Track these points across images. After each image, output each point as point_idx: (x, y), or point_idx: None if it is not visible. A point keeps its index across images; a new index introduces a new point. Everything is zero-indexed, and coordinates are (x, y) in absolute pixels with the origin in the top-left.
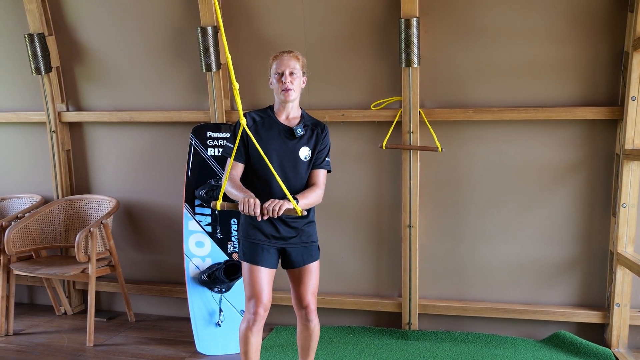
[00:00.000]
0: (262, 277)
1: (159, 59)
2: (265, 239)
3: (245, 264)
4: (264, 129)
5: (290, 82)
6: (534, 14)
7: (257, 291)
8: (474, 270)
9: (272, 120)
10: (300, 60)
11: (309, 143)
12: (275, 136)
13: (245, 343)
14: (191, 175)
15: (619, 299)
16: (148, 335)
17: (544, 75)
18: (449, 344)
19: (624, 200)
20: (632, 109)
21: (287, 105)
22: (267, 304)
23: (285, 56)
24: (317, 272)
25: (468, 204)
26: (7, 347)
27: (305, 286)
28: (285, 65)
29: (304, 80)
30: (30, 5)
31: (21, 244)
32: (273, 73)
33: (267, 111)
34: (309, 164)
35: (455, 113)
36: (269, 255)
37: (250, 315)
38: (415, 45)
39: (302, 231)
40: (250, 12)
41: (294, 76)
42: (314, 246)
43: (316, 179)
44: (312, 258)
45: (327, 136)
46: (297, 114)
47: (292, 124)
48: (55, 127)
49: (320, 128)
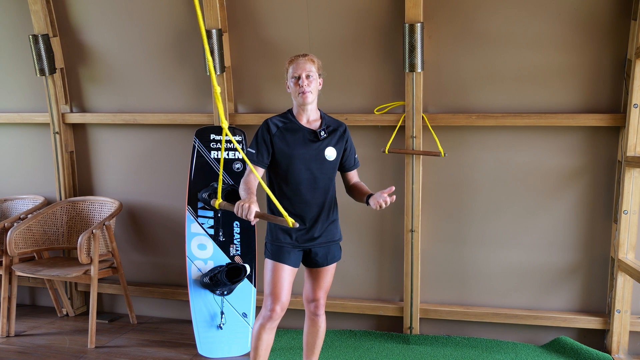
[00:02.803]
0: (284, 275)
1: (163, 61)
2: (294, 242)
3: (269, 262)
4: (289, 133)
5: (307, 85)
6: (538, 21)
7: (277, 289)
8: (475, 275)
9: (295, 124)
10: (316, 62)
11: (333, 143)
12: (300, 140)
13: (258, 338)
14: (194, 178)
15: (619, 305)
16: (150, 338)
17: (547, 82)
18: (450, 349)
19: (626, 207)
20: (634, 116)
21: (306, 108)
22: (285, 303)
23: (301, 60)
24: (333, 271)
25: (470, 209)
26: (9, 348)
27: (321, 284)
28: (301, 69)
29: (321, 82)
30: (35, 6)
31: (23, 245)
32: (290, 77)
33: (288, 116)
34: (335, 164)
35: (459, 118)
36: (294, 255)
37: (267, 312)
38: (419, 50)
39: (327, 230)
40: (256, 16)
41: (311, 79)
42: (337, 245)
43: (356, 177)
44: (334, 258)
45: (348, 134)
46: (317, 116)
47: (313, 126)
48: (58, 128)
49: (342, 128)
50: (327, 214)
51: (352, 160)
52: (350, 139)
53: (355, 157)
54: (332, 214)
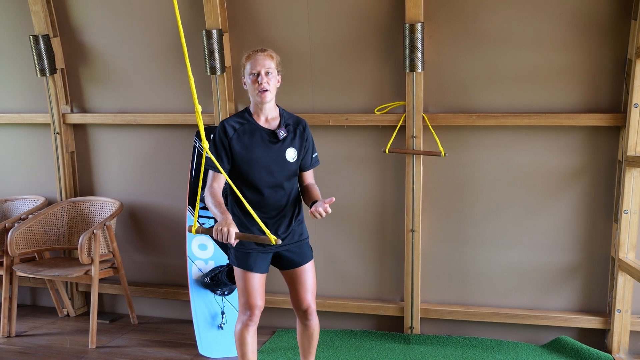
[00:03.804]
0: (255, 282)
1: (164, 62)
2: (259, 247)
3: (238, 270)
4: (246, 136)
5: (266, 83)
6: (538, 21)
7: (251, 298)
8: (476, 275)
9: (253, 125)
10: (275, 58)
11: (294, 143)
12: (259, 142)
13: (242, 344)
14: (194, 178)
15: (620, 305)
16: (150, 338)
17: (548, 82)
18: (450, 349)
19: (626, 206)
20: (634, 116)
21: (264, 107)
22: (262, 306)
23: (259, 55)
24: (313, 272)
25: (471, 208)
26: (9, 348)
27: (304, 287)
28: (260, 65)
29: (279, 79)
30: (36, 6)
31: (24, 246)
32: (247, 73)
33: (245, 116)
34: (297, 164)
35: (459, 118)
36: (262, 261)
37: (245, 318)
38: (419, 50)
39: (292, 231)
40: (256, 16)
41: (270, 76)
42: (305, 244)
43: (311, 178)
44: (306, 258)
45: (308, 131)
46: (276, 114)
47: (272, 125)
48: (59, 128)
49: (302, 126)
50: (292, 215)
51: (309, 159)
52: (311, 137)
53: (313, 157)
54: (298, 214)
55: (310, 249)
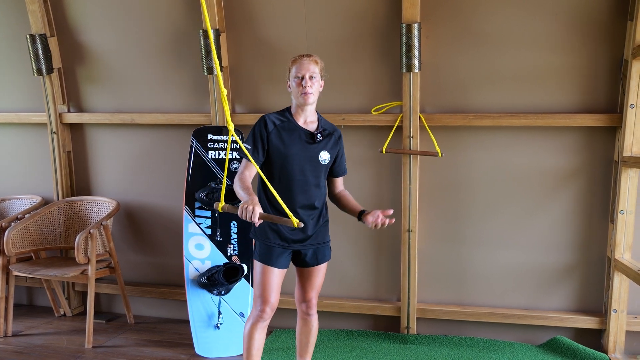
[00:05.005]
0: (273, 278)
1: (161, 61)
2: (283, 242)
3: (258, 264)
4: (285, 132)
5: (310, 86)
6: (535, 21)
7: (266, 292)
8: (472, 275)
9: (292, 124)
10: (319, 64)
11: (327, 147)
12: (297, 140)
13: (249, 339)
14: (192, 178)
15: (616, 305)
16: (147, 338)
17: (544, 82)
18: (447, 348)
19: (622, 207)
20: (630, 117)
21: (305, 109)
22: (275, 304)
23: (305, 60)
24: (324, 271)
25: (467, 208)
26: (6, 348)
27: (312, 284)
28: (305, 69)
29: (322, 84)
30: (33, 6)
31: (21, 245)
32: (292, 77)
33: (286, 114)
34: (327, 167)
35: (456, 118)
36: (283, 257)
37: (257, 313)
38: (416, 50)
39: (318, 231)
40: (253, 16)
41: (314, 80)
42: (327, 246)
43: (341, 184)
44: (325, 258)
45: (342, 141)
46: (314, 118)
47: (310, 127)
48: (56, 128)
49: (338, 134)
50: (319, 216)
51: (342, 166)
52: (343, 145)
53: (344, 164)
54: (323, 216)
55: (330, 250)
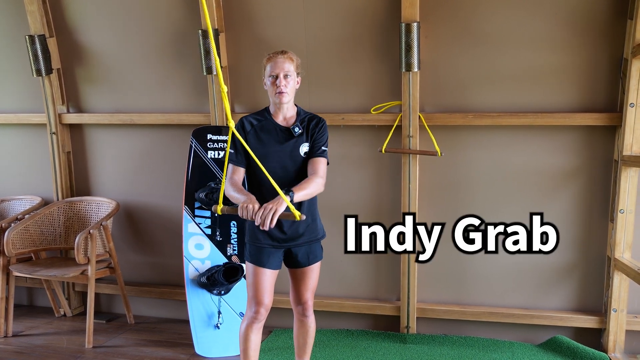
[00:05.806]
0: (265, 279)
1: (160, 61)
2: (274, 242)
3: (249, 265)
4: (262, 132)
5: (284, 86)
6: (534, 20)
7: (259, 294)
8: (472, 275)
9: (270, 122)
10: (295, 61)
11: (308, 138)
12: (275, 138)
13: (245, 340)
14: (191, 178)
15: (616, 304)
16: (147, 338)
17: (544, 81)
18: (447, 348)
19: (622, 206)
20: (630, 116)
21: (282, 107)
22: (269, 305)
23: (279, 58)
24: (318, 271)
25: (467, 208)
26: (6, 348)
27: (306, 285)
28: (279, 68)
29: (299, 81)
30: (32, 6)
31: (21, 246)
32: (267, 75)
33: (264, 114)
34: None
35: (455, 118)
36: (274, 257)
37: (251, 314)
38: (415, 49)
39: (308, 229)
40: (252, 15)
41: (289, 79)
42: (318, 244)
43: (314, 167)
44: (316, 258)
45: (324, 128)
46: (293, 113)
47: (289, 123)
48: (55, 128)
49: (316, 121)
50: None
51: (317, 147)
52: (326, 133)
53: (322, 147)
54: (311, 212)
55: (321, 249)
